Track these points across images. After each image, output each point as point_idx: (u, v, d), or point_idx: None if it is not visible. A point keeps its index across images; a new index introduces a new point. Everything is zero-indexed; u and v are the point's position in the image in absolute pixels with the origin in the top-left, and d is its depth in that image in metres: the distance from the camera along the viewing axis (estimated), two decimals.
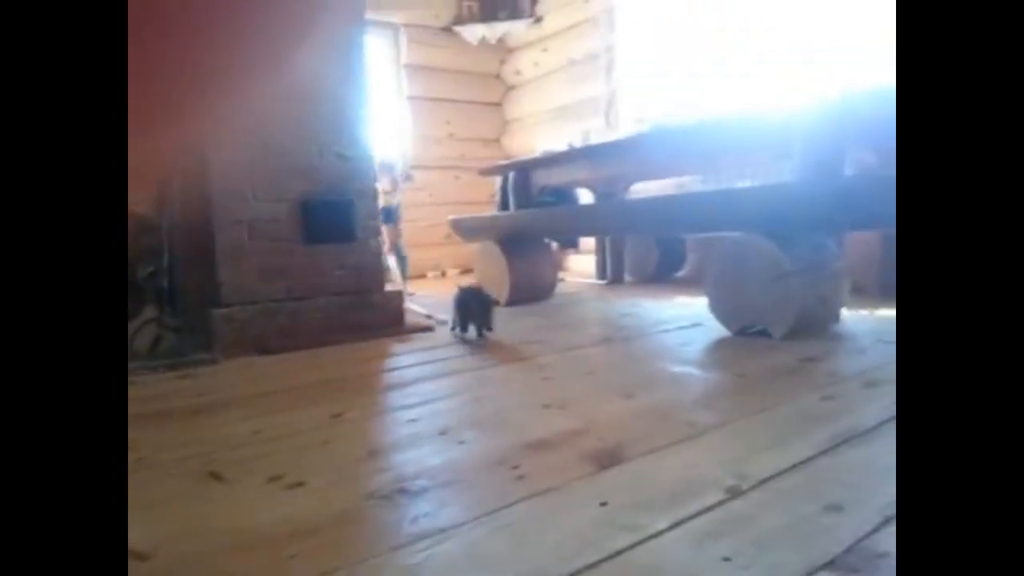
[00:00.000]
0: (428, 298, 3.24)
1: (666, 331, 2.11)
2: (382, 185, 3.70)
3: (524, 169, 3.38)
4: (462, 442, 1.09)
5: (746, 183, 3.26)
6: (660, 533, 0.74)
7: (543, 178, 3.32)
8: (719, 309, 2.02)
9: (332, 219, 2.23)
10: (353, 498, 0.89)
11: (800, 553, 0.68)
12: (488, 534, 0.76)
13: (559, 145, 3.48)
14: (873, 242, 2.54)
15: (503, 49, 5.17)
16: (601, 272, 3.97)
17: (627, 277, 3.89)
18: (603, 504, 0.82)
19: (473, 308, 2.08)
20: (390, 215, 3.69)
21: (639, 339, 2.01)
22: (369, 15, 2.38)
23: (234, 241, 2.05)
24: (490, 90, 5.23)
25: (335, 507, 0.86)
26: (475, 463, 0.99)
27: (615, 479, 0.91)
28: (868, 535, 0.71)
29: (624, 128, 4.11)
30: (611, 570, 0.67)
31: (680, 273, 3.90)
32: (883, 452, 0.96)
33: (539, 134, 4.73)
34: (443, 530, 0.77)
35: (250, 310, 2.04)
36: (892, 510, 0.76)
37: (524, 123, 5.17)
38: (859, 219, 1.77)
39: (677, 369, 1.57)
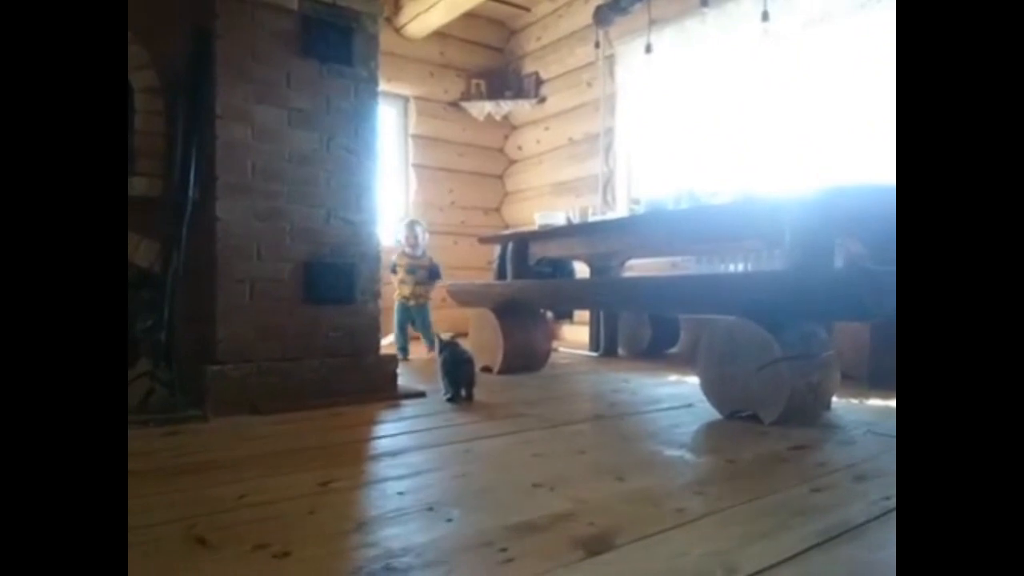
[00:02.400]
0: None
1: (658, 410, 2.11)
2: (405, 240, 3.80)
3: (523, 240, 3.46)
4: (449, 520, 1.08)
5: (739, 266, 3.34)
6: None
7: (541, 250, 3.40)
8: (710, 391, 2.03)
9: (334, 281, 2.26)
10: (340, 573, 0.88)
11: None
12: None
13: (557, 219, 3.58)
14: (863, 332, 2.59)
15: (507, 125, 5.39)
16: (594, 344, 3.98)
17: (620, 351, 3.90)
18: None
19: (461, 370, 2.22)
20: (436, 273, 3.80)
21: (631, 417, 2.01)
22: (381, 87, 2.50)
23: (236, 299, 2.07)
24: (493, 163, 5.41)
25: None
26: (462, 543, 0.98)
27: (604, 566, 0.90)
28: None
29: (621, 206, 4.24)
30: None
31: (673, 349, 3.92)
32: (873, 550, 0.96)
33: (538, 207, 4.86)
34: None
35: (244, 368, 2.03)
36: None
37: (524, 195, 5.32)
38: (849, 310, 1.81)
39: (668, 452, 1.57)
